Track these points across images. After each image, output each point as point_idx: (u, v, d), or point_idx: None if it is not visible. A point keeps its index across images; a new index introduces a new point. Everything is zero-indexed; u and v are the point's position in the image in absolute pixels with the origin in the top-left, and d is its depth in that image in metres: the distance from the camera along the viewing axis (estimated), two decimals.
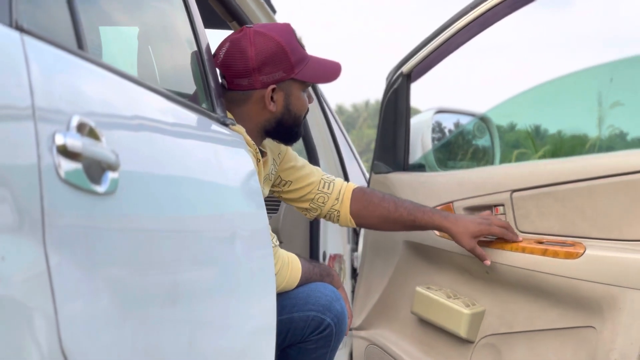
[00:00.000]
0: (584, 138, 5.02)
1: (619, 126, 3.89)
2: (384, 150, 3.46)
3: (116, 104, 1.55)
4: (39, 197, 1.20)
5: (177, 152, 1.77)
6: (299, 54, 2.65)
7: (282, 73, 2.62)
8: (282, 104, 2.66)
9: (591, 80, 3.98)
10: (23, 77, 1.22)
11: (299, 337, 2.61)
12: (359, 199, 2.97)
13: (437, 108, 3.66)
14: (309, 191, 2.93)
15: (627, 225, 2.73)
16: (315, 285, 2.67)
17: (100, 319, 1.33)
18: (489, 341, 3.07)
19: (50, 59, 1.34)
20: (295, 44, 2.65)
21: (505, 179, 3.04)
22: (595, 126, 4.07)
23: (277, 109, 2.64)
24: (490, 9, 3.13)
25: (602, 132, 3.94)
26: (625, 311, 2.69)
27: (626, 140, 3.88)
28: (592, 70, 3.98)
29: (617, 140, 4.01)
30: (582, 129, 5.11)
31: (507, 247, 2.92)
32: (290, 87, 2.66)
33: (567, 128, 6.27)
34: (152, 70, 2.27)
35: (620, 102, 3.71)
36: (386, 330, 3.42)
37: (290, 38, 2.65)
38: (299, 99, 2.69)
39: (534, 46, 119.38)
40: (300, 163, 2.93)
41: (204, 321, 1.76)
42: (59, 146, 1.26)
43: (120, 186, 1.41)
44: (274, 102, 2.63)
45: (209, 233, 1.84)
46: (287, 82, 2.65)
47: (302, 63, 2.66)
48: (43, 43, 1.32)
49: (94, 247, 1.32)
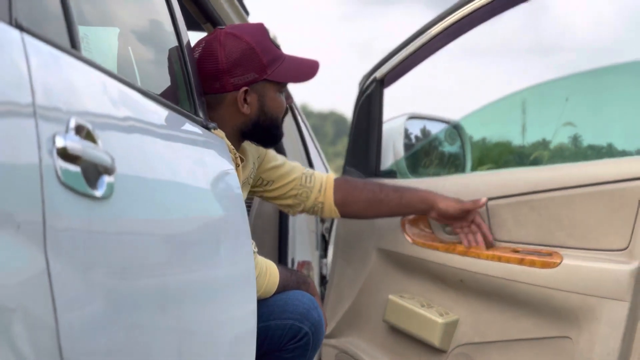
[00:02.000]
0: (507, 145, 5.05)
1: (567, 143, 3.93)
2: (356, 156, 3.43)
3: (110, 106, 1.51)
4: (41, 200, 1.15)
5: (166, 156, 1.73)
6: (272, 54, 2.60)
7: (254, 74, 2.57)
8: (257, 106, 2.60)
9: (545, 95, 4.00)
10: (24, 76, 1.18)
11: (276, 345, 2.57)
12: (342, 187, 2.97)
13: (409, 114, 3.63)
14: (292, 187, 2.91)
15: (604, 235, 2.73)
16: (293, 293, 2.63)
17: (99, 324, 1.29)
18: (462, 350, 3.04)
19: (49, 58, 1.29)
20: (267, 44, 2.60)
21: (481, 186, 3.02)
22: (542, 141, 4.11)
23: (251, 112, 2.59)
24: (465, 16, 3.12)
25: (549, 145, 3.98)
26: (602, 321, 2.68)
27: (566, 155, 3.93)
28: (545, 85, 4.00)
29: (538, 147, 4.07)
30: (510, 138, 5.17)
31: (483, 256, 2.90)
32: (264, 89, 2.61)
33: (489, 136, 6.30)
34: (132, 71, 2.22)
35: (571, 123, 3.74)
36: (357, 339, 3.38)
37: (262, 38, 2.60)
38: (274, 100, 2.63)
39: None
40: (280, 161, 2.91)
41: (192, 326, 1.73)
42: (59, 148, 1.21)
43: (116, 190, 1.37)
44: (247, 104, 2.58)
45: (197, 237, 1.81)
46: (260, 83, 2.59)
47: (276, 63, 2.60)
48: (42, 42, 1.27)
49: (92, 251, 1.28)
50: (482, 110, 3.99)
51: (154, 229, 1.57)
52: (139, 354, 1.45)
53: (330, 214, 2.99)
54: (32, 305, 1.13)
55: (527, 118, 4.17)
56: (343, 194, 2.96)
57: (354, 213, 3.06)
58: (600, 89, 3.65)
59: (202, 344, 1.79)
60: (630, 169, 2.69)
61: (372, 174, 3.39)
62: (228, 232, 2.05)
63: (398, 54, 3.31)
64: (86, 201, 1.28)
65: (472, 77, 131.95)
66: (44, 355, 1.14)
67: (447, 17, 3.16)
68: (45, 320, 1.15)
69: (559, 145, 3.93)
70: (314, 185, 2.94)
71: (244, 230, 2.17)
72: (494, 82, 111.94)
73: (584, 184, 2.77)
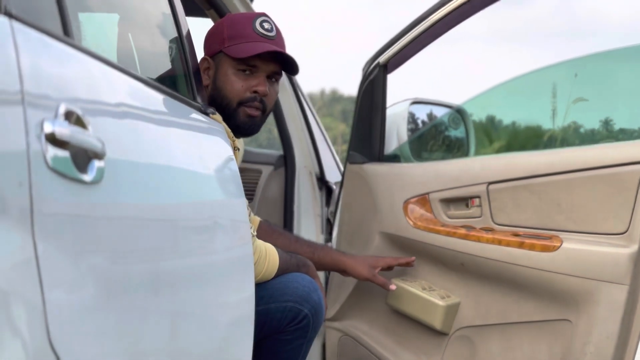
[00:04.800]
0: (539, 130, 5.00)
1: (580, 122, 3.90)
2: (360, 140, 3.44)
3: (102, 92, 1.53)
4: (28, 186, 1.18)
5: (161, 141, 1.75)
6: (238, 31, 2.61)
7: (216, 46, 2.63)
8: (212, 78, 2.65)
9: (556, 75, 3.98)
10: (12, 63, 1.20)
11: (276, 328, 2.60)
12: (263, 229, 2.97)
13: (413, 99, 3.64)
14: None
15: (603, 219, 2.74)
16: (293, 276, 2.66)
17: (86, 308, 1.32)
18: (463, 333, 3.07)
19: (39, 45, 1.32)
20: (241, 23, 2.63)
21: (482, 171, 3.04)
22: (553, 120, 4.07)
23: (208, 83, 2.64)
24: (467, 1, 3.12)
25: (561, 125, 3.95)
26: (601, 304, 2.70)
27: (580, 134, 3.90)
28: (557, 66, 3.98)
29: (573, 133, 4.03)
30: (540, 122, 5.11)
31: (484, 239, 2.92)
32: (220, 62, 2.64)
33: (523, 120, 6.24)
34: (132, 58, 2.24)
35: (582, 98, 3.72)
36: (360, 321, 3.41)
37: (241, 18, 2.65)
38: (225, 76, 2.62)
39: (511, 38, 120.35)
40: None
41: (186, 310, 1.75)
42: (47, 134, 1.24)
43: (106, 175, 1.39)
44: (207, 76, 2.64)
45: (192, 222, 1.83)
46: (219, 55, 2.64)
47: (237, 40, 2.61)
48: (31, 29, 1.30)
49: (81, 236, 1.31)
50: (482, 96, 4.00)
51: (147, 213, 1.59)
52: (130, 337, 1.47)
53: None
54: (20, 289, 1.16)
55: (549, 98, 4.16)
56: (262, 234, 2.90)
57: None
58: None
59: (197, 327, 1.81)
60: (629, 152, 2.71)
61: (375, 158, 3.40)
62: (225, 215, 2.07)
63: (401, 39, 3.31)
64: (75, 186, 1.31)
65: (505, 63, 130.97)
66: (31, 338, 1.17)
67: (450, 1, 3.17)
68: (32, 303, 1.18)
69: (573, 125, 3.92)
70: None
71: (242, 213, 2.19)
72: (526, 66, 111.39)
73: (583, 167, 2.78)
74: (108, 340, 1.38)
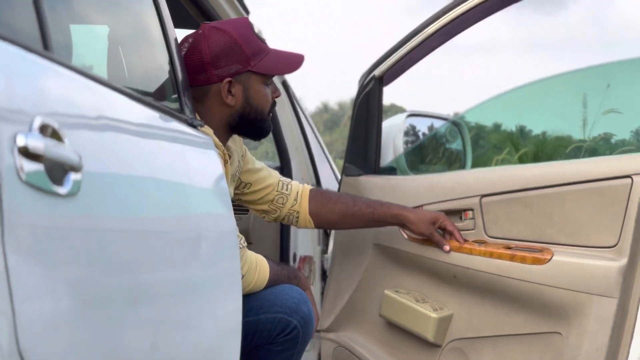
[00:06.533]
0: (568, 140, 5.00)
1: (610, 131, 3.90)
2: (355, 153, 3.46)
3: (82, 106, 1.54)
4: None
5: (143, 154, 1.76)
6: (255, 47, 2.65)
7: (238, 66, 2.63)
8: (242, 98, 2.65)
9: (582, 82, 3.97)
10: None
11: (266, 338, 2.61)
12: (317, 198, 3.01)
13: (410, 112, 3.66)
14: (269, 192, 2.94)
15: (594, 232, 2.75)
16: (283, 287, 2.67)
17: (60, 320, 1.33)
18: (456, 345, 3.07)
19: (14, 59, 1.33)
20: (251, 37, 2.66)
21: (475, 183, 3.05)
22: (581, 129, 4.07)
23: (236, 103, 2.64)
24: (462, 14, 3.14)
25: (591, 136, 3.95)
26: (591, 317, 2.71)
27: (611, 144, 3.90)
28: (583, 71, 3.97)
29: (603, 144, 4.03)
30: (567, 131, 5.10)
31: (476, 252, 2.93)
32: (248, 80, 2.66)
33: (551, 129, 6.22)
34: (121, 69, 2.26)
35: (615, 110, 3.71)
36: (354, 333, 3.42)
37: (245, 31, 2.65)
38: (258, 92, 2.68)
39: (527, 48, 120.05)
40: (258, 165, 2.95)
41: (167, 322, 1.76)
42: (20, 147, 1.25)
43: (83, 187, 1.40)
44: (232, 95, 2.63)
45: (174, 235, 1.84)
46: (244, 75, 2.65)
47: (260, 55, 2.65)
48: (7, 43, 1.31)
49: (55, 248, 1.32)
50: (493, 101, 4.00)
51: (126, 225, 1.60)
52: (107, 349, 1.48)
53: (305, 224, 3.04)
54: None
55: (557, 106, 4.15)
56: (317, 205, 3.00)
57: (327, 224, 3.15)
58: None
59: (180, 340, 1.82)
60: (620, 166, 2.72)
61: (371, 170, 3.42)
62: (211, 228, 2.08)
63: (397, 51, 3.33)
64: (50, 198, 1.32)
65: (538, 73, 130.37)
66: (1, 351, 1.18)
67: (446, 14, 3.18)
68: (2, 313, 1.19)
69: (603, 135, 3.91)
70: (290, 194, 2.98)
71: (229, 226, 2.20)
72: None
73: (574, 181, 2.79)
74: (83, 352, 1.40)
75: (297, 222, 3.02)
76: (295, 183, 3.03)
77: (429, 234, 3.00)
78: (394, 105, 33.73)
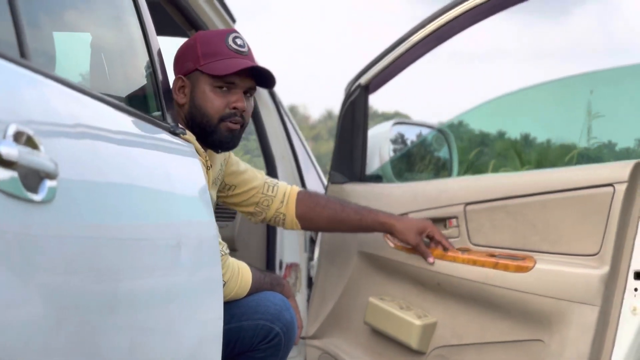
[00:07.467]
0: (568, 148, 5.01)
1: (602, 138, 3.91)
2: (341, 160, 3.48)
3: (59, 114, 1.54)
4: None
5: (122, 162, 1.76)
6: (212, 49, 2.62)
7: (190, 64, 2.63)
8: (189, 97, 2.64)
9: (575, 88, 3.99)
10: None
11: (248, 345, 2.61)
12: (305, 201, 3.02)
13: (396, 120, 3.68)
14: (253, 194, 2.95)
15: (576, 240, 2.76)
16: (265, 294, 2.67)
17: (35, 328, 1.33)
18: (440, 352, 3.08)
19: None
20: (214, 40, 2.63)
21: (460, 191, 3.07)
22: (578, 136, 4.09)
23: (185, 102, 2.64)
24: (446, 23, 3.16)
25: (586, 143, 3.96)
26: (572, 325, 2.72)
27: (615, 151, 3.91)
28: (576, 78, 3.98)
29: (603, 150, 4.04)
30: (566, 138, 5.11)
31: (459, 260, 2.94)
32: (197, 80, 2.64)
33: (554, 138, 6.24)
34: (104, 77, 2.27)
35: (599, 114, 3.72)
36: (339, 340, 3.43)
37: (212, 36, 2.65)
38: (203, 93, 2.62)
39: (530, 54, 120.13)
40: (242, 167, 2.94)
41: (146, 329, 1.76)
42: None
43: (58, 194, 1.41)
44: (184, 94, 2.65)
45: (153, 241, 1.84)
46: (195, 74, 2.64)
47: (213, 57, 2.61)
48: None
49: (29, 255, 1.32)
50: (489, 104, 4.01)
51: (104, 233, 1.60)
52: (83, 355, 1.49)
53: (291, 226, 3.05)
54: None
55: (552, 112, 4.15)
56: (305, 209, 3.02)
57: (314, 228, 3.16)
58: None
59: (159, 347, 1.82)
60: (602, 174, 2.73)
61: (357, 178, 3.43)
62: (191, 235, 2.08)
63: (382, 60, 3.35)
64: (24, 205, 1.32)
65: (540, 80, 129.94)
66: None
67: (430, 23, 3.20)
68: None
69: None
70: (276, 195, 2.98)
71: (210, 233, 2.20)
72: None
73: (558, 189, 2.81)
74: (59, 357, 1.40)
75: (284, 224, 3.04)
76: (283, 184, 3.03)
77: (415, 244, 3.02)
78: (398, 112, 33.72)
